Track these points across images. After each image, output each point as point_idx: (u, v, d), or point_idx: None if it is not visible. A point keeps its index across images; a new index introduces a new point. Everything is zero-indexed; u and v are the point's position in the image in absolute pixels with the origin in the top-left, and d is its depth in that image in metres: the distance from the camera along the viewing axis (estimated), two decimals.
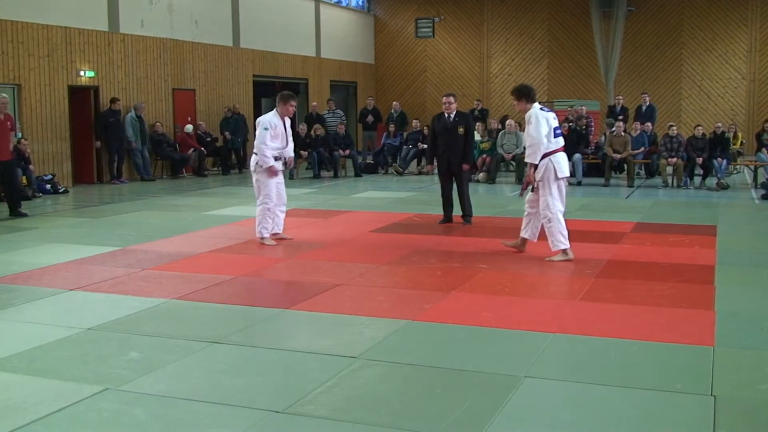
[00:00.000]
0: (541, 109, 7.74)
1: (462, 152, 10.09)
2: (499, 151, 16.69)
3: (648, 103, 18.28)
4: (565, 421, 3.87)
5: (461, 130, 10.08)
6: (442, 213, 10.40)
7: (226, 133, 18.78)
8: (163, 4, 17.53)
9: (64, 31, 15.13)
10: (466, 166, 10.20)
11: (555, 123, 7.74)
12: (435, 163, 10.77)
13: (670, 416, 3.92)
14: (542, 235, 7.94)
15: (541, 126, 7.57)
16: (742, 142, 19.77)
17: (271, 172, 8.75)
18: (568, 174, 7.88)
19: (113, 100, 15.99)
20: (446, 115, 10.17)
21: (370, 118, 20.51)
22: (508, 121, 17.23)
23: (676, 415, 3.94)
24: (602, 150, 16.13)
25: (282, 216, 9.07)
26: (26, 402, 4.15)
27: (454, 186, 10.29)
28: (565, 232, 7.69)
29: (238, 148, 19.22)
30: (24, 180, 13.27)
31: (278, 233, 9.02)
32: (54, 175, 14.65)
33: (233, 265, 7.63)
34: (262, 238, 8.77)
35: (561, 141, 7.78)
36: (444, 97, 10.25)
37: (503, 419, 3.88)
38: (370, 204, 12.61)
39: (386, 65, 26.64)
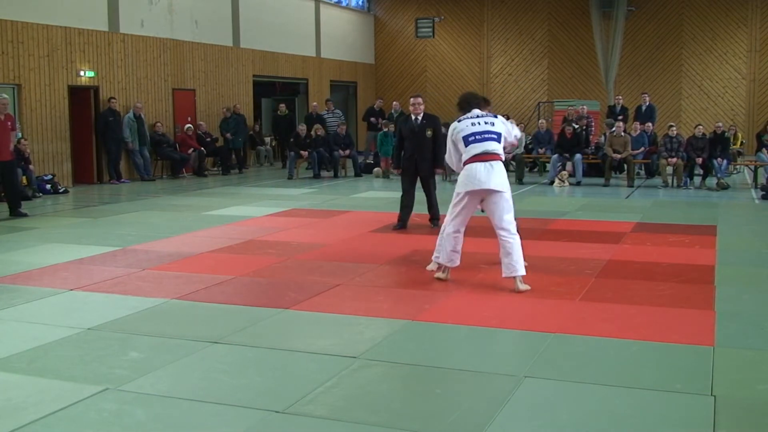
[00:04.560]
0: (460, 120, 6.89)
1: (431, 156, 9.65)
2: None
3: (648, 103, 18.28)
4: (565, 421, 3.87)
5: (429, 133, 9.62)
6: (428, 216, 10.07)
7: (227, 134, 18.79)
8: (163, 4, 17.53)
9: (64, 31, 15.13)
10: (439, 170, 9.90)
11: (470, 129, 6.74)
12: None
13: (670, 416, 3.92)
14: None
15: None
16: (742, 142, 19.79)
17: None
18: (471, 188, 6.64)
19: (110, 99, 15.98)
20: (413, 117, 9.71)
21: (380, 121, 20.41)
22: (508, 122, 17.21)
23: (676, 415, 3.94)
24: (602, 150, 16.13)
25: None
26: (26, 402, 4.15)
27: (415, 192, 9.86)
28: (452, 251, 6.87)
29: (239, 147, 19.24)
30: (24, 180, 13.27)
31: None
32: (54, 175, 14.65)
33: (233, 265, 7.63)
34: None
35: (476, 148, 6.66)
36: (412, 98, 9.77)
37: (503, 419, 3.88)
38: (370, 204, 12.61)
39: (386, 65, 26.64)
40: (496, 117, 7.00)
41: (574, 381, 4.40)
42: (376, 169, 17.79)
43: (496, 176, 6.57)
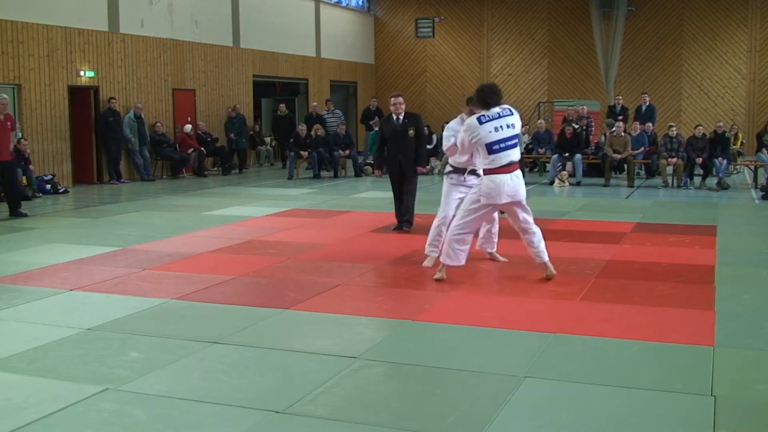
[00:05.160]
0: (482, 121, 6.57)
1: (414, 155, 9.60)
2: None
3: (648, 103, 18.29)
4: (565, 421, 3.87)
5: (411, 132, 9.52)
6: (417, 217, 9.96)
7: (231, 134, 18.79)
8: (163, 4, 17.53)
9: (64, 31, 15.13)
10: (420, 169, 9.76)
11: (494, 137, 6.51)
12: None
13: (670, 416, 3.92)
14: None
15: (458, 137, 6.97)
16: (742, 142, 19.79)
17: None
18: (497, 201, 6.64)
19: (110, 99, 15.99)
20: (395, 117, 9.63)
21: (375, 120, 20.42)
22: None
23: (676, 415, 3.93)
24: (602, 150, 16.13)
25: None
26: (26, 402, 4.15)
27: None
28: (460, 249, 6.81)
29: (243, 148, 19.24)
30: (24, 180, 13.27)
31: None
32: (54, 175, 14.64)
33: (233, 265, 7.63)
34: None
35: (501, 159, 6.56)
36: (392, 98, 9.66)
37: (503, 419, 3.88)
38: (370, 204, 12.61)
39: (386, 65, 26.63)
40: (512, 113, 6.74)
41: (573, 381, 4.40)
42: (366, 167, 17.82)
43: (521, 188, 6.69)
